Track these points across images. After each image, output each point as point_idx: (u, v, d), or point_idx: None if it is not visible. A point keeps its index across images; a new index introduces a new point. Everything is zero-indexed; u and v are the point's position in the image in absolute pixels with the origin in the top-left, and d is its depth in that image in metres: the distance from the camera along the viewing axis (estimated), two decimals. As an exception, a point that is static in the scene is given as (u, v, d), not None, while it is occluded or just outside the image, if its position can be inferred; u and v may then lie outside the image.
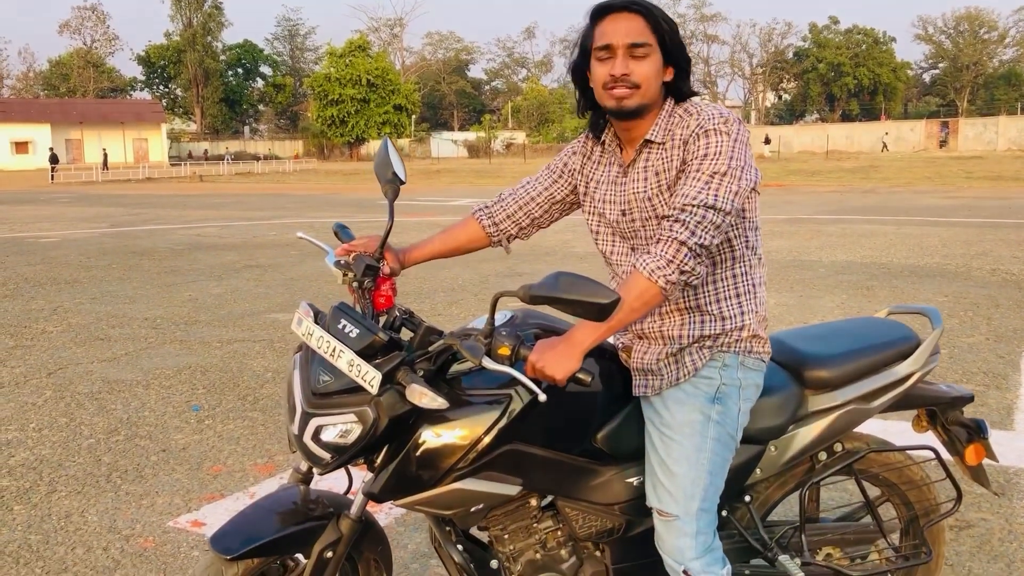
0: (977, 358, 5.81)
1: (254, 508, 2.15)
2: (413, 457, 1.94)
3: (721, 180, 1.92)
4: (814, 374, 2.29)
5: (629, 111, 2.04)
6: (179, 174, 49.28)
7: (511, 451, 1.99)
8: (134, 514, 3.65)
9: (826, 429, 2.29)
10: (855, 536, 2.46)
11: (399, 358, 1.89)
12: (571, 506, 2.14)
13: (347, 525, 2.08)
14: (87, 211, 21.84)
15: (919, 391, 2.43)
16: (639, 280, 1.87)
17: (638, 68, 2.00)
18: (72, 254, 12.47)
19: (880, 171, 35.27)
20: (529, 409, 1.96)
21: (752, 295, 2.12)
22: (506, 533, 2.16)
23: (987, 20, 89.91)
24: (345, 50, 72.58)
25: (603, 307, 1.71)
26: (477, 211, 2.40)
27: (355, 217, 18.68)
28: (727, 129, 1.97)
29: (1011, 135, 61.87)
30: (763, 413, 2.20)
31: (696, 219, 1.88)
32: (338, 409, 1.90)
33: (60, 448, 4.45)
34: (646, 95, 2.03)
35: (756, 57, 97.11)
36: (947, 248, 11.41)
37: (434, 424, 1.93)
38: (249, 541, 2.00)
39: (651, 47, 2.01)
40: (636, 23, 2.00)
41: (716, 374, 2.10)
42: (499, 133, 78.75)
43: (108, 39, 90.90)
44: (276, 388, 5.45)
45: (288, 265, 11.05)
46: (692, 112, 2.05)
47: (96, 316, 7.82)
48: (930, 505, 2.46)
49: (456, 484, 1.97)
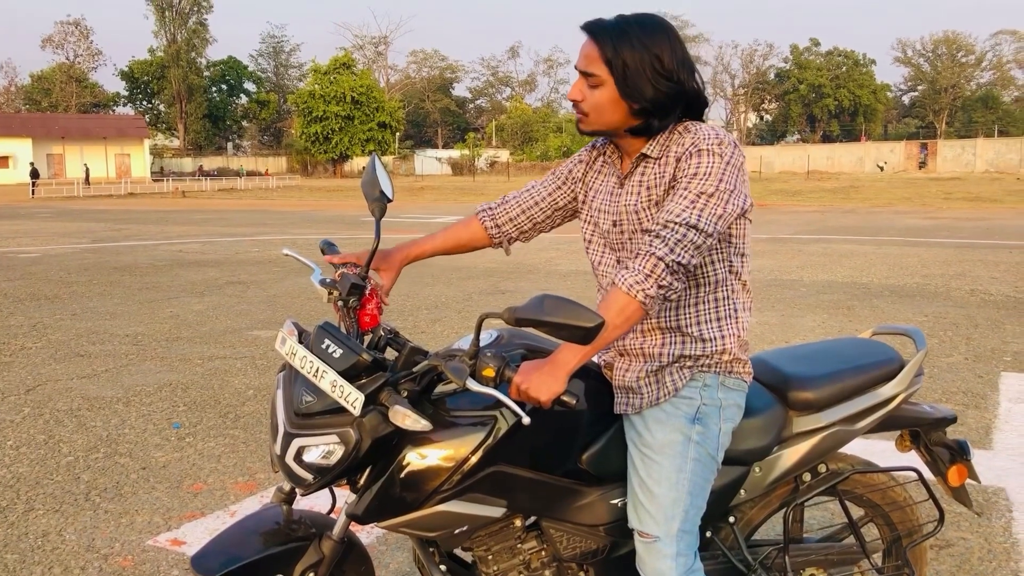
0: (956, 378, 5.86)
1: (235, 528, 2.13)
2: (397, 479, 1.92)
3: (707, 201, 1.92)
4: (799, 395, 2.28)
5: (584, 134, 2.09)
6: (161, 190, 49.06)
7: (496, 473, 1.97)
8: (113, 533, 3.61)
9: (811, 450, 2.29)
10: (838, 557, 2.45)
11: (382, 379, 1.89)
12: (555, 527, 2.13)
13: (329, 546, 2.06)
14: (68, 226, 21.69)
15: (903, 412, 2.44)
16: (619, 295, 1.88)
17: (589, 96, 2.01)
18: (52, 269, 12.38)
19: (860, 191, 35.61)
20: (514, 431, 1.95)
21: (733, 319, 2.12)
22: (490, 554, 2.14)
23: (964, 44, 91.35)
24: (330, 67, 72.73)
25: (587, 331, 1.71)
26: (480, 211, 2.39)
27: (339, 233, 18.67)
28: (720, 151, 1.96)
29: (988, 157, 62.69)
30: (747, 434, 2.19)
31: (677, 237, 1.89)
32: (320, 430, 1.88)
33: (38, 466, 4.41)
34: (597, 123, 2.04)
35: (738, 78, 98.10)
36: (926, 268, 11.52)
37: (418, 445, 1.92)
38: (230, 562, 1.98)
39: (601, 79, 1.98)
40: (590, 51, 1.99)
41: (697, 394, 2.09)
42: (483, 151, 78.98)
43: (91, 54, 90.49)
44: (258, 406, 5.42)
45: (270, 282, 11.01)
46: (691, 130, 2.04)
47: (76, 332, 7.76)
48: (913, 526, 2.46)
49: (440, 507, 1.96)
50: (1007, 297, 9.14)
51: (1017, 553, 3.33)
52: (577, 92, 2.03)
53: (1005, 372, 6.00)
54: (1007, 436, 4.65)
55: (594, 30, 1.99)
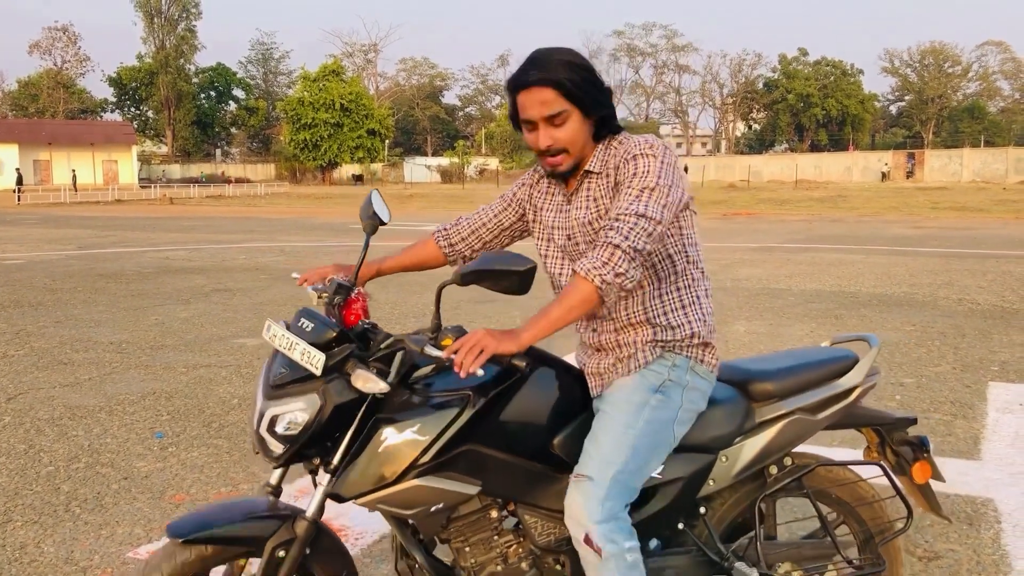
0: (944, 387, 5.86)
1: (216, 504, 2.26)
2: (375, 454, 2.04)
3: (651, 194, 2.09)
4: (759, 387, 2.41)
5: (565, 174, 2.24)
6: (149, 196, 48.84)
7: (470, 452, 2.08)
8: (92, 545, 3.55)
9: (775, 438, 2.38)
10: (812, 552, 2.51)
11: (348, 350, 2.05)
12: (530, 512, 2.22)
13: (302, 526, 2.11)
14: (54, 233, 21.55)
15: (863, 411, 2.55)
16: (578, 281, 2.04)
17: (561, 135, 2.16)
18: (37, 276, 12.27)
19: (848, 201, 35.75)
20: (486, 410, 2.08)
21: (697, 305, 2.27)
22: (467, 545, 2.23)
23: (951, 55, 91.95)
24: (319, 74, 72.64)
25: (521, 275, 1.96)
26: (436, 232, 2.58)
27: (328, 241, 18.60)
28: (653, 152, 2.14)
29: (975, 167, 63.06)
30: (712, 423, 2.31)
31: (629, 225, 2.05)
32: (289, 397, 2.04)
33: (17, 476, 4.34)
34: (574, 154, 2.20)
35: (727, 87, 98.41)
36: (914, 277, 11.55)
37: (395, 422, 2.05)
38: (202, 527, 2.07)
39: (568, 112, 2.15)
40: (547, 95, 2.13)
41: (665, 371, 2.23)
42: (472, 159, 78.99)
43: (79, 60, 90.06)
44: (242, 415, 5.36)
45: (257, 289, 10.95)
46: (623, 142, 2.22)
47: (60, 340, 7.69)
48: (883, 523, 2.53)
49: (416, 480, 2.05)
50: (994, 307, 9.16)
51: (1006, 565, 3.31)
52: (547, 139, 2.16)
53: (993, 382, 6.00)
54: (995, 447, 4.64)
55: (538, 79, 2.12)
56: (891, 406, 5.30)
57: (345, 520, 3.63)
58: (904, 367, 6.45)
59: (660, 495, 2.26)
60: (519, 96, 2.18)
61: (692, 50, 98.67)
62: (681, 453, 2.27)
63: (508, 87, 2.22)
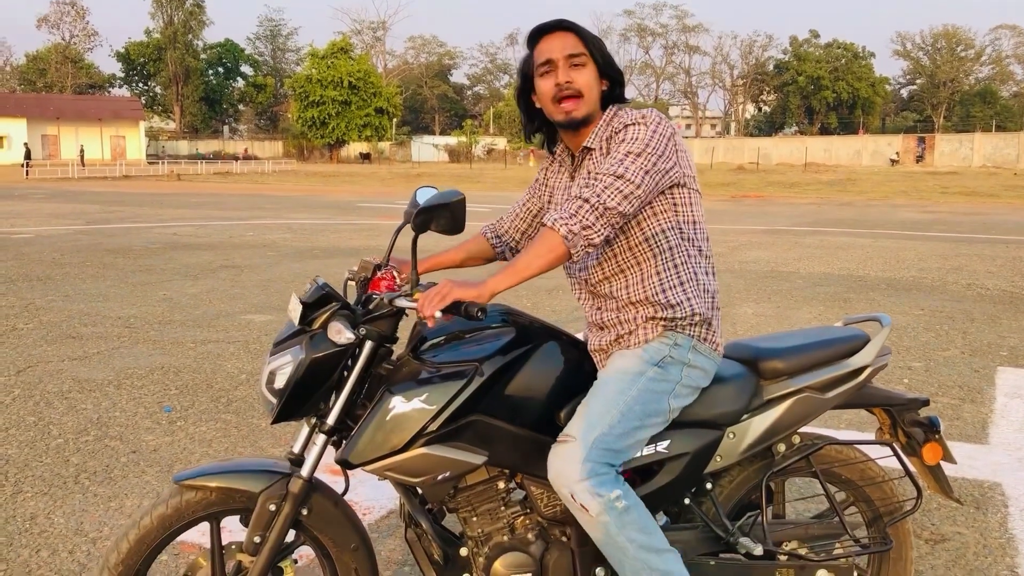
0: (952, 372, 5.84)
1: (228, 461, 2.33)
2: (383, 422, 2.08)
3: (635, 159, 2.11)
4: (769, 364, 2.39)
5: (578, 121, 2.26)
6: (157, 172, 48.86)
7: (477, 422, 2.11)
8: (102, 516, 3.58)
9: (782, 416, 2.37)
10: (820, 531, 2.51)
11: (333, 308, 2.14)
12: (536, 484, 2.23)
13: (297, 484, 2.15)
14: (62, 207, 21.59)
15: (874, 391, 2.52)
16: (544, 231, 2.08)
17: (578, 76, 2.23)
18: (46, 250, 12.30)
19: (857, 184, 35.60)
20: (493, 381, 2.12)
21: (695, 282, 2.26)
22: (475, 515, 2.25)
23: (964, 38, 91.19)
24: (327, 52, 72.36)
25: (451, 206, 2.08)
26: (484, 227, 2.66)
27: (335, 219, 18.60)
28: (644, 122, 2.17)
29: (986, 152, 62.66)
30: (719, 399, 2.31)
31: (603, 184, 2.09)
32: (281, 352, 2.15)
33: (27, 448, 4.37)
34: (589, 102, 2.24)
35: (737, 69, 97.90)
36: (923, 262, 11.51)
37: (403, 391, 2.09)
38: (201, 473, 2.18)
39: (586, 57, 2.24)
40: (570, 39, 2.24)
41: (666, 348, 2.23)
42: (480, 138, 78.75)
43: (87, 35, 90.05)
44: (250, 390, 5.38)
45: (265, 266, 10.96)
46: (620, 116, 2.26)
47: (68, 314, 7.71)
48: (892, 503, 2.52)
49: (424, 449, 2.08)
50: (1003, 292, 9.12)
51: (1013, 548, 3.31)
52: (565, 75, 2.23)
53: (1001, 367, 5.98)
54: (1003, 431, 4.63)
55: (563, 25, 2.26)
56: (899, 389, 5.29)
57: (353, 495, 3.64)
58: (912, 351, 6.43)
59: (666, 470, 2.27)
60: (540, 42, 2.27)
61: (703, 31, 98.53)
62: (687, 428, 2.27)
63: (530, 36, 2.29)
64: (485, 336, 2.18)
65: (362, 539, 2.27)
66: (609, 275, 2.29)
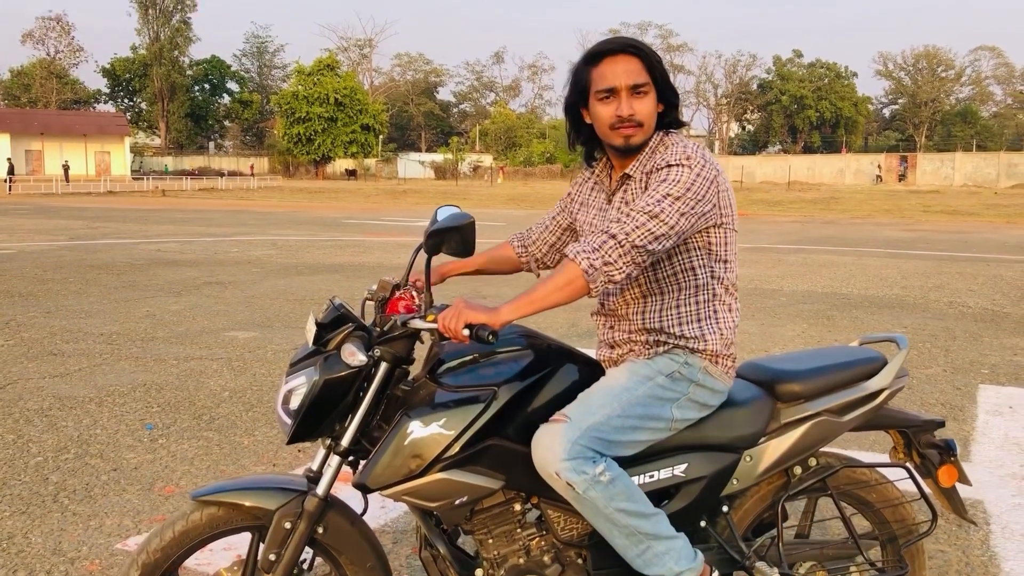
0: (935, 389, 5.87)
1: (246, 476, 2.36)
2: (400, 447, 2.08)
3: (673, 202, 2.06)
4: (786, 387, 2.37)
5: (635, 148, 2.22)
6: (142, 188, 48.64)
7: (495, 446, 2.12)
8: (81, 536, 3.53)
9: (799, 440, 2.35)
10: (835, 552, 2.50)
11: (348, 329, 2.16)
12: (552, 508, 2.23)
13: (312, 503, 2.15)
14: (46, 223, 21.44)
15: (890, 413, 2.51)
16: (566, 262, 2.05)
17: (640, 107, 2.17)
18: (28, 266, 12.21)
19: (840, 203, 35.85)
20: (511, 405, 2.12)
21: (714, 320, 2.26)
22: (491, 537, 2.24)
23: (944, 59, 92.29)
24: (313, 68, 72.47)
25: (461, 229, 2.09)
26: (513, 237, 2.65)
27: (321, 235, 18.55)
28: (689, 164, 2.10)
29: (967, 171, 63.29)
30: (736, 422, 2.30)
31: (636, 223, 2.03)
32: (296, 373, 2.16)
33: (5, 466, 4.32)
34: (647, 131, 2.21)
35: (721, 88, 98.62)
36: (906, 280, 11.58)
37: (421, 416, 2.10)
38: (219, 490, 2.19)
39: (649, 85, 2.18)
40: (634, 65, 2.17)
41: (676, 364, 2.23)
42: (466, 155, 78.89)
43: (72, 50, 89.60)
44: (233, 408, 5.34)
45: (249, 282, 10.91)
46: (666, 144, 2.21)
47: (50, 330, 7.65)
48: (907, 525, 2.51)
49: (441, 474, 2.09)
50: (984, 310, 9.19)
51: (995, 566, 3.32)
52: (629, 108, 2.17)
53: (983, 384, 6.02)
54: (985, 448, 4.65)
55: (629, 46, 2.18)
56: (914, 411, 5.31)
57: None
58: (895, 369, 6.46)
59: (683, 493, 2.26)
60: (602, 64, 2.18)
61: (687, 50, 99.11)
62: (705, 452, 2.27)
63: (587, 57, 2.21)
64: (502, 359, 2.19)
65: (378, 558, 2.27)
66: (630, 300, 2.28)
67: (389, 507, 3.70)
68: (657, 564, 2.15)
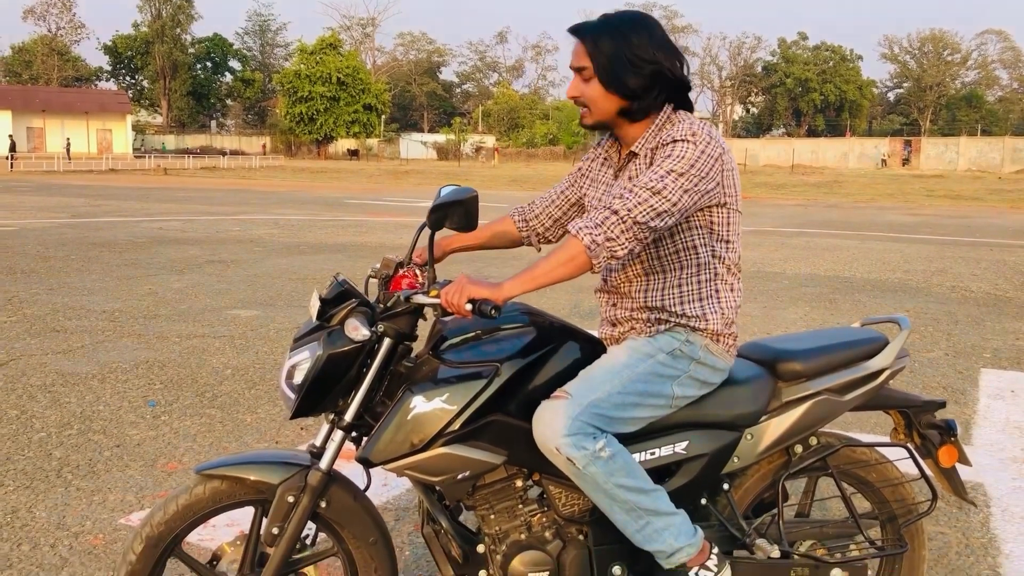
0: (936, 373, 5.88)
1: (249, 451, 2.36)
2: (403, 421, 2.10)
3: (676, 178, 2.05)
4: (787, 366, 2.38)
5: (587, 127, 2.29)
6: (143, 166, 48.57)
7: (497, 422, 2.13)
8: (84, 510, 3.55)
9: (800, 418, 2.36)
10: (835, 531, 2.52)
11: (351, 304, 2.17)
12: (553, 484, 2.24)
13: (316, 477, 2.17)
14: (47, 200, 21.43)
15: (891, 393, 2.52)
16: (568, 238, 2.05)
17: (586, 90, 2.20)
18: (30, 244, 12.21)
19: (844, 186, 35.77)
20: (513, 381, 2.14)
21: (715, 299, 2.26)
22: (492, 513, 2.25)
23: (951, 42, 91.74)
24: (316, 47, 72.09)
25: (464, 203, 2.09)
26: (513, 210, 2.62)
27: (322, 215, 18.53)
28: (695, 140, 2.09)
29: (971, 155, 63.08)
30: (737, 400, 2.31)
31: (638, 199, 2.02)
32: (300, 348, 2.18)
33: (9, 441, 4.33)
34: (596, 115, 2.22)
35: (725, 70, 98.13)
36: (908, 264, 11.57)
37: (424, 391, 2.11)
38: (221, 464, 2.21)
39: (589, 71, 2.18)
40: (578, 48, 2.20)
41: (678, 342, 2.23)
42: (469, 136, 78.67)
43: (74, 27, 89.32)
44: (235, 385, 5.36)
45: (251, 261, 10.91)
46: (673, 122, 2.21)
47: (52, 307, 7.66)
48: (907, 505, 2.53)
49: (444, 449, 2.10)
50: (987, 294, 9.19)
51: (995, 548, 3.33)
52: (573, 89, 2.22)
53: (985, 368, 6.03)
54: (986, 432, 4.66)
55: (577, 29, 2.20)
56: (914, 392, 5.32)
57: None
58: (897, 352, 6.46)
59: (684, 470, 2.28)
60: None
61: (692, 31, 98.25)
62: (706, 429, 2.28)
63: None
64: (505, 336, 2.20)
65: (381, 533, 2.29)
66: (632, 277, 2.29)
67: (391, 484, 3.72)
68: (656, 540, 2.17)
